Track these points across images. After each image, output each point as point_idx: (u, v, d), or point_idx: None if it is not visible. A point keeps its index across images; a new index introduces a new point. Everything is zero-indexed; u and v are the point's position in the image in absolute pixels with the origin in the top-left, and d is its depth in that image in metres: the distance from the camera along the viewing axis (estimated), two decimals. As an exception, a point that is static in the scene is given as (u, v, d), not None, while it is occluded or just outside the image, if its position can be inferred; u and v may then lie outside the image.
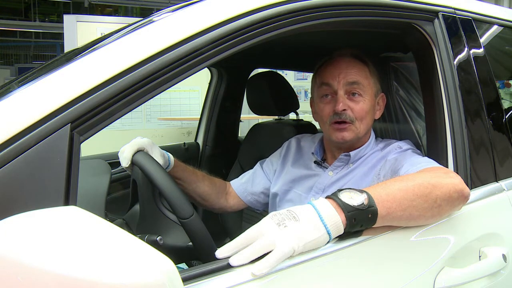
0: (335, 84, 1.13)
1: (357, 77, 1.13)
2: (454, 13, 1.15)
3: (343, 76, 1.13)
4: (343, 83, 1.13)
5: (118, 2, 9.39)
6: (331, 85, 1.14)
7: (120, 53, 0.70)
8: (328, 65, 1.17)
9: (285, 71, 3.53)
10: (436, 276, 0.87)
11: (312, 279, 0.73)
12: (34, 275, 0.46)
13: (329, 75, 1.15)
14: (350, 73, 1.13)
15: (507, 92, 4.33)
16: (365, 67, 1.17)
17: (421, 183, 0.83)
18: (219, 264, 0.68)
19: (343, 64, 1.15)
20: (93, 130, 0.66)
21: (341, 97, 1.12)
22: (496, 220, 1.06)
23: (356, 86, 1.13)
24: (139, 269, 0.48)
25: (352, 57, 1.17)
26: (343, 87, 1.13)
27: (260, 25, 0.81)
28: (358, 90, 1.13)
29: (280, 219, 0.70)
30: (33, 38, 12.51)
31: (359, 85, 1.13)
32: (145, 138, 1.10)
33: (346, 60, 1.16)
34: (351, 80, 1.13)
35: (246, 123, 3.32)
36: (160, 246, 0.92)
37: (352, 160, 1.17)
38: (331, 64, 1.17)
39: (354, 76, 1.13)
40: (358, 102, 1.13)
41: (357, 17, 0.98)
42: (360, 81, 1.13)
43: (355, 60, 1.16)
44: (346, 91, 1.13)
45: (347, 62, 1.15)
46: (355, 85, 1.13)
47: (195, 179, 1.24)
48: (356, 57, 1.17)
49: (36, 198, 0.58)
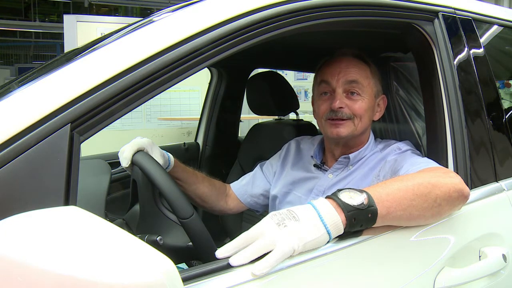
0: (334, 82, 1.13)
1: (356, 76, 1.13)
2: (454, 13, 1.15)
3: (342, 74, 1.13)
4: (342, 82, 1.13)
5: (118, 2, 9.39)
6: (329, 83, 1.14)
7: (120, 53, 0.70)
8: (329, 64, 1.17)
9: (285, 71, 3.53)
10: (436, 276, 0.87)
11: (312, 279, 0.72)
12: (34, 275, 0.46)
13: (329, 73, 1.15)
14: (350, 72, 1.13)
15: (507, 92, 4.33)
16: (366, 67, 1.17)
17: (421, 183, 0.83)
18: (219, 264, 0.68)
19: (344, 63, 1.15)
20: (93, 130, 0.66)
21: (339, 95, 1.12)
22: (496, 220, 1.06)
23: (355, 85, 1.13)
24: (139, 269, 0.48)
25: (353, 57, 1.17)
26: (342, 85, 1.13)
27: (260, 25, 0.81)
28: (356, 89, 1.13)
29: (280, 219, 0.70)
30: (33, 38, 12.51)
31: (358, 84, 1.13)
32: (145, 138, 1.10)
33: (347, 59, 1.16)
34: (350, 79, 1.13)
35: (246, 123, 3.32)
36: (160, 246, 0.92)
37: (352, 162, 1.17)
38: (331, 62, 1.17)
39: (354, 75, 1.13)
40: (356, 101, 1.13)
41: (357, 17, 0.98)
42: (359, 80, 1.13)
43: (356, 59, 1.16)
44: (345, 90, 1.13)
45: (348, 61, 1.15)
46: (354, 84, 1.13)
47: (195, 180, 1.24)
48: (358, 57, 1.17)
49: (36, 198, 0.58)
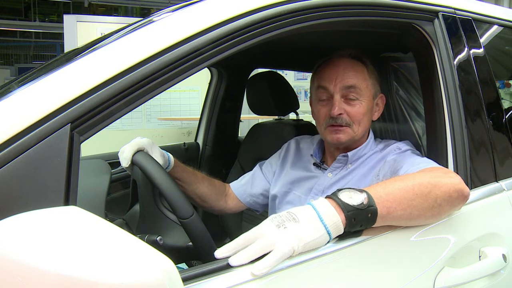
0: (331, 88, 1.13)
1: (354, 80, 1.12)
2: (454, 13, 1.15)
3: (339, 80, 1.12)
4: (339, 87, 1.12)
5: (118, 2, 9.39)
6: (327, 88, 1.14)
7: (120, 53, 0.70)
8: (326, 67, 1.17)
9: (285, 71, 3.52)
10: (436, 276, 0.87)
11: (312, 279, 0.72)
12: (34, 275, 0.46)
13: (327, 78, 1.14)
14: (347, 76, 1.13)
15: (507, 92, 4.33)
16: (364, 69, 1.16)
17: (421, 183, 0.83)
18: (219, 264, 0.68)
19: (341, 67, 1.14)
20: (93, 130, 0.66)
21: (337, 101, 1.12)
22: (496, 220, 1.06)
23: (352, 90, 1.12)
24: (139, 269, 0.48)
25: (350, 58, 1.16)
26: (340, 91, 1.12)
27: (260, 25, 0.81)
28: (354, 94, 1.12)
29: (280, 221, 0.70)
30: (33, 38, 12.51)
31: (356, 89, 1.12)
32: (145, 138, 1.10)
33: (344, 62, 1.15)
34: (347, 84, 1.12)
35: (246, 123, 3.32)
36: (160, 246, 0.93)
37: (351, 160, 1.17)
38: (328, 66, 1.16)
39: (351, 79, 1.12)
40: (354, 106, 1.13)
41: (357, 17, 0.98)
42: (357, 85, 1.12)
43: (353, 61, 1.15)
44: (343, 95, 1.13)
45: (345, 65, 1.14)
46: (352, 89, 1.12)
47: (195, 180, 1.24)
48: (355, 57, 1.16)
49: (36, 198, 0.58)
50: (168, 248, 0.95)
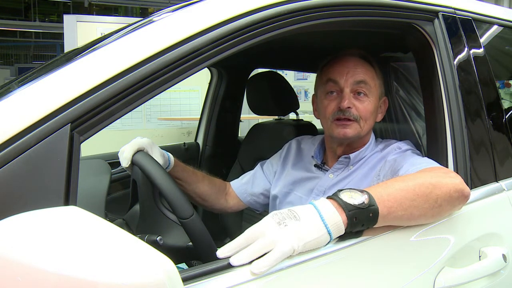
0: (342, 81, 1.13)
1: (364, 76, 1.13)
2: (454, 13, 1.15)
3: (351, 74, 1.13)
4: (350, 82, 1.12)
5: (118, 2, 9.39)
6: (338, 82, 1.14)
7: (120, 53, 0.70)
8: (336, 63, 1.17)
9: (285, 71, 3.53)
10: (436, 276, 0.87)
11: (312, 279, 0.72)
12: (34, 275, 0.46)
13: (337, 72, 1.14)
14: (358, 72, 1.13)
15: (507, 92, 4.33)
16: (372, 69, 1.17)
17: (421, 183, 0.83)
18: (219, 264, 0.68)
19: (351, 63, 1.15)
20: (93, 130, 0.66)
21: (347, 95, 1.12)
22: (496, 220, 1.06)
23: (363, 85, 1.13)
24: (139, 269, 0.48)
25: (359, 57, 1.17)
26: (350, 85, 1.12)
27: (260, 25, 0.81)
28: (364, 89, 1.13)
29: (280, 218, 0.70)
30: (33, 38, 12.51)
31: (366, 85, 1.13)
32: (145, 138, 1.10)
33: (354, 59, 1.16)
34: (358, 79, 1.12)
35: (246, 123, 3.32)
36: (160, 246, 0.92)
37: (352, 162, 1.17)
38: (338, 61, 1.16)
39: (362, 75, 1.13)
40: (363, 102, 1.13)
41: (357, 17, 0.98)
42: (367, 81, 1.13)
43: (363, 60, 1.16)
44: (352, 90, 1.13)
45: (355, 61, 1.15)
46: (362, 84, 1.13)
47: (195, 179, 1.24)
48: (364, 58, 1.17)
49: (36, 198, 0.58)
50: (168, 248, 0.95)
